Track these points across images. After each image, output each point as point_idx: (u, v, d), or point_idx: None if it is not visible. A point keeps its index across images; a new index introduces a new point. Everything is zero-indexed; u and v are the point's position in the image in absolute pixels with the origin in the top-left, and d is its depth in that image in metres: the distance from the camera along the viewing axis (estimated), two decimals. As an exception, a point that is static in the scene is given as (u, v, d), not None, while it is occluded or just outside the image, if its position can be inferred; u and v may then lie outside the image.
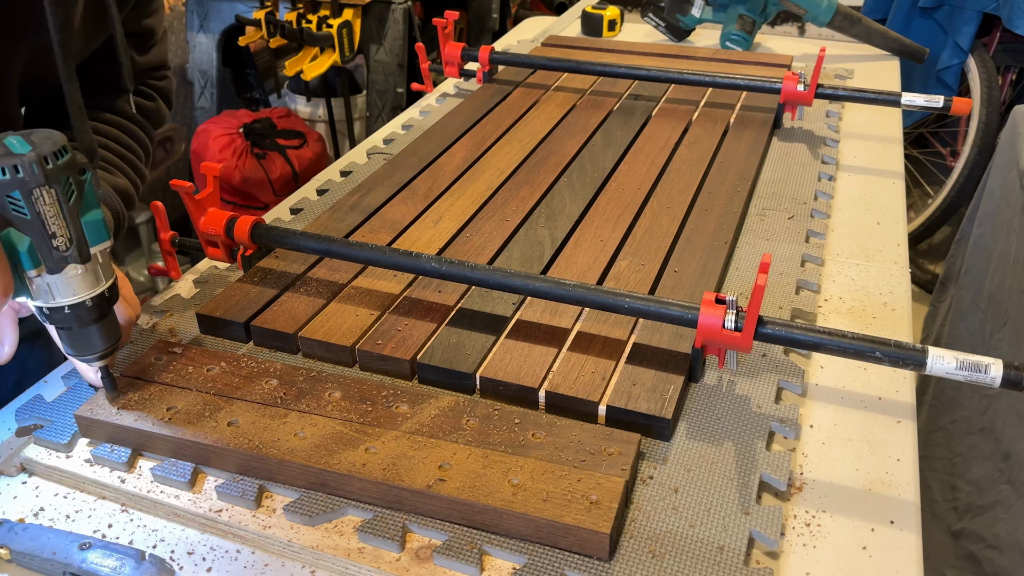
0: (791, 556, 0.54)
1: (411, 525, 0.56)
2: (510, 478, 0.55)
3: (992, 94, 2.06)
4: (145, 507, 0.59)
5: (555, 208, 0.91)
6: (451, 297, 0.76)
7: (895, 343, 0.58)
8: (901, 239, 0.90)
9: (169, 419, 0.62)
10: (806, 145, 1.08)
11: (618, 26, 1.63)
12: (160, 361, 0.68)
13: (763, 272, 0.58)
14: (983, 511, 1.13)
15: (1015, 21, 1.93)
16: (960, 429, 1.26)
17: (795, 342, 0.61)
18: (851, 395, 0.68)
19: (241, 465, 0.59)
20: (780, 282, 0.80)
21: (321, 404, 0.63)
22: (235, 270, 0.84)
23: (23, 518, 0.58)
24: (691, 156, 1.02)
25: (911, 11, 2.13)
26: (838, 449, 0.63)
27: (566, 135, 1.09)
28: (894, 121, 1.19)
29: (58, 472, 0.62)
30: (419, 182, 0.97)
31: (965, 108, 1.03)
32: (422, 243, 0.85)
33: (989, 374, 0.56)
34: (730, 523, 0.55)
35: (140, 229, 2.25)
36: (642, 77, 1.20)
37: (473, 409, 0.62)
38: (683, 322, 0.64)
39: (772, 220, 0.91)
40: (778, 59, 1.35)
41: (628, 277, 0.78)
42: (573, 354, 0.68)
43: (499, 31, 2.93)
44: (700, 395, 0.66)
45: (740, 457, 0.60)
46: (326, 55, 2.31)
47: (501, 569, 0.53)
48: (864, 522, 0.57)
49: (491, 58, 1.26)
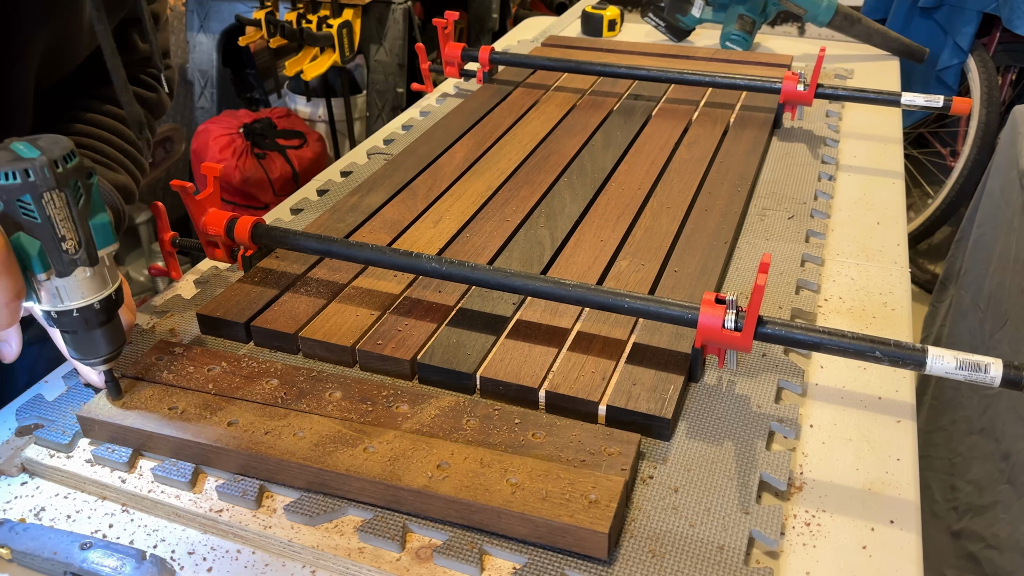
0: (791, 556, 0.55)
1: (411, 525, 0.56)
2: (508, 477, 0.55)
3: (992, 94, 2.06)
4: (146, 507, 0.60)
5: (555, 208, 0.91)
6: (451, 297, 0.76)
7: (895, 343, 0.58)
8: (901, 239, 0.90)
9: (170, 419, 0.62)
10: (806, 145, 1.08)
11: (618, 26, 1.63)
12: (161, 361, 0.68)
13: (763, 272, 0.58)
14: (983, 511, 1.13)
15: (1015, 21, 1.93)
16: (960, 429, 1.26)
17: (795, 342, 0.61)
18: (851, 395, 0.68)
19: (242, 465, 0.59)
20: (780, 282, 0.80)
21: (321, 404, 0.63)
22: (235, 270, 0.84)
23: (24, 518, 0.58)
24: (691, 156, 1.02)
25: (911, 11, 2.14)
26: (838, 449, 0.63)
27: (566, 135, 1.09)
28: (894, 121, 1.20)
29: (59, 472, 0.62)
30: (419, 182, 0.97)
31: (965, 108, 1.03)
32: (422, 243, 0.85)
33: (989, 374, 0.56)
34: (730, 523, 0.55)
35: (140, 229, 2.25)
36: (642, 77, 1.20)
37: (473, 409, 0.62)
38: (683, 322, 0.64)
39: (772, 220, 0.91)
40: (778, 59, 1.36)
41: (628, 277, 0.78)
42: (573, 354, 0.68)
43: (499, 31, 2.94)
44: (700, 395, 0.66)
45: (740, 457, 0.60)
46: (326, 55, 2.31)
47: (501, 569, 0.53)
48: (864, 522, 0.57)
49: (491, 58, 1.26)
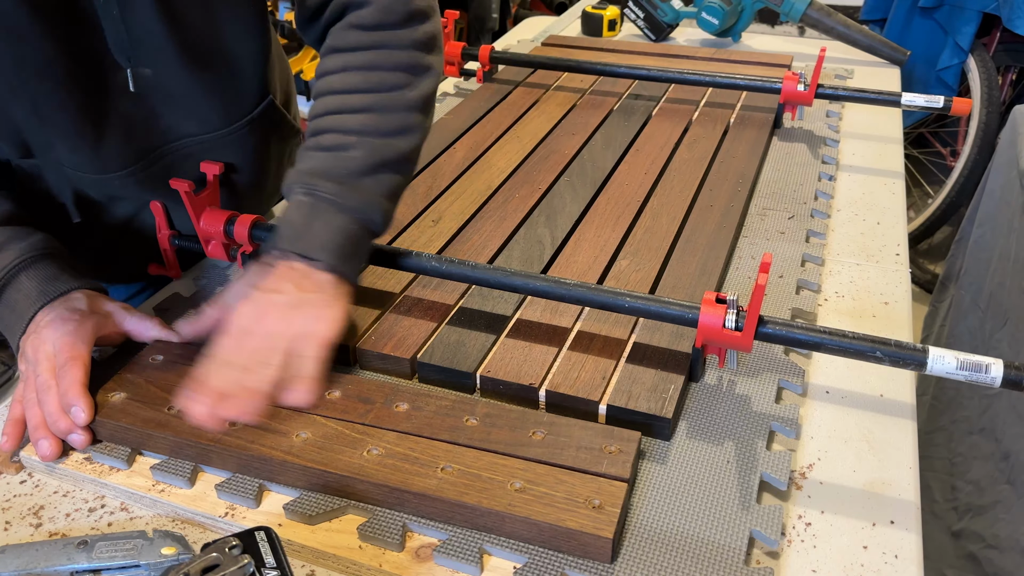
0: (791, 556, 0.54)
1: (411, 524, 0.56)
2: (512, 481, 0.55)
3: (992, 94, 2.06)
4: (145, 506, 0.59)
5: (555, 207, 0.91)
6: (451, 296, 0.75)
7: (896, 343, 0.58)
8: (901, 239, 0.90)
9: (168, 418, 0.61)
10: (806, 145, 1.08)
11: (618, 26, 1.62)
12: (159, 360, 0.67)
13: (764, 272, 0.58)
14: (983, 511, 1.12)
15: (1015, 21, 1.93)
16: (960, 429, 1.26)
17: (795, 342, 0.61)
18: (851, 395, 0.68)
19: (241, 464, 0.59)
20: (780, 282, 0.80)
21: (321, 403, 0.62)
22: (235, 269, 0.84)
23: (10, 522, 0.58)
24: (691, 156, 1.02)
25: (911, 11, 2.13)
26: (838, 449, 0.63)
27: (566, 135, 1.09)
28: (894, 121, 1.19)
29: (57, 471, 0.62)
30: (419, 181, 0.97)
31: (965, 108, 1.03)
32: (422, 242, 0.85)
33: (989, 374, 0.56)
34: (730, 523, 0.55)
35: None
36: (642, 77, 1.19)
37: (473, 408, 0.62)
38: (683, 322, 0.64)
39: (772, 220, 0.91)
40: (778, 59, 1.35)
41: (628, 276, 0.78)
42: (573, 353, 0.68)
43: (499, 31, 2.94)
44: (700, 395, 0.66)
45: (740, 457, 0.60)
46: (326, 54, 2.30)
47: (501, 568, 0.53)
48: (864, 522, 0.57)
49: (491, 57, 1.26)
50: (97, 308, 0.68)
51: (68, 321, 0.65)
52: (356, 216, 0.65)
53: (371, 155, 0.67)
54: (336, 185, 0.65)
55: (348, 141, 0.67)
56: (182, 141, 0.77)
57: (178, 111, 0.75)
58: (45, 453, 0.61)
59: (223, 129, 0.79)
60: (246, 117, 0.80)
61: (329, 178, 0.65)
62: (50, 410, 0.62)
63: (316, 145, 0.68)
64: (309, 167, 0.66)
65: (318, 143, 0.68)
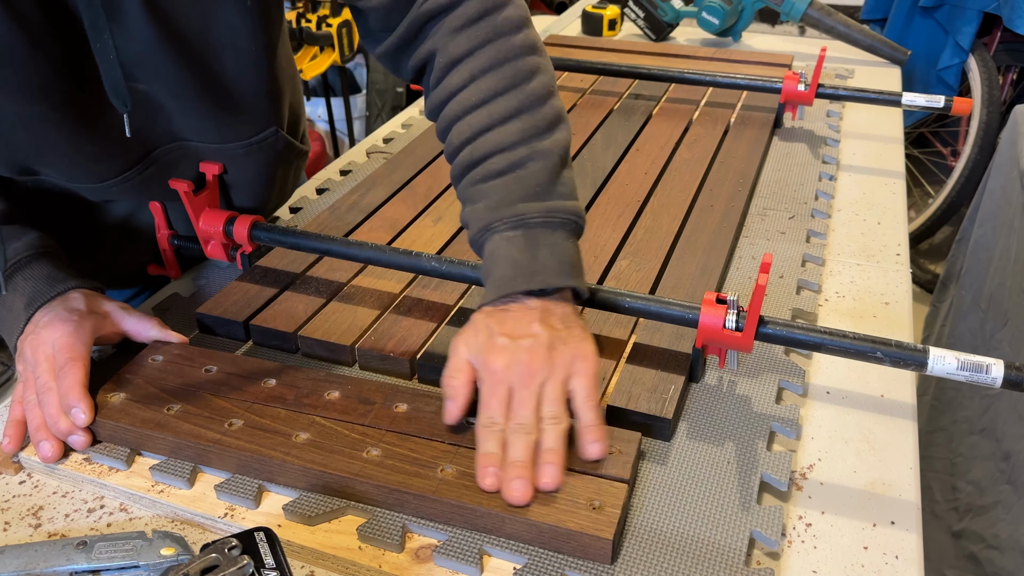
0: (792, 556, 0.54)
1: (411, 525, 0.56)
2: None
3: (993, 94, 2.06)
4: (144, 506, 0.59)
5: (555, 207, 0.90)
6: (451, 296, 0.75)
7: (896, 343, 0.58)
8: (902, 239, 0.90)
9: (167, 419, 0.61)
10: (807, 145, 1.08)
11: (618, 25, 1.62)
12: (158, 361, 0.67)
13: (764, 272, 0.57)
14: (984, 511, 1.12)
15: (1015, 21, 1.93)
16: (961, 429, 1.26)
17: (796, 342, 0.61)
18: (852, 395, 0.68)
19: (240, 465, 0.59)
20: (781, 282, 0.80)
21: (321, 404, 0.62)
22: (234, 269, 0.84)
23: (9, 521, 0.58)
24: (691, 156, 1.02)
25: (911, 11, 2.13)
26: (838, 449, 0.63)
27: (566, 134, 1.09)
28: (895, 121, 1.19)
29: (56, 471, 0.62)
30: (419, 181, 0.97)
31: (966, 108, 1.03)
32: (422, 242, 0.85)
33: (990, 374, 0.56)
34: (731, 523, 0.55)
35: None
36: (642, 76, 1.19)
37: (473, 408, 0.62)
38: (684, 322, 0.64)
39: (773, 220, 0.90)
40: (779, 59, 1.35)
41: (628, 276, 0.78)
42: (573, 354, 0.68)
43: (499, 30, 2.92)
44: (700, 395, 0.66)
45: (741, 457, 0.60)
46: (325, 54, 2.30)
47: (501, 569, 0.53)
48: (865, 522, 0.57)
49: (491, 57, 1.26)
50: (95, 308, 0.68)
51: (67, 321, 0.64)
52: (568, 228, 0.63)
53: (547, 160, 0.63)
54: (539, 204, 0.61)
55: (519, 156, 0.62)
56: (181, 143, 0.76)
57: (176, 126, 0.73)
58: (47, 455, 0.61)
59: (225, 144, 0.77)
60: (247, 140, 0.77)
61: (527, 200, 0.61)
62: (51, 411, 0.62)
63: (486, 174, 0.63)
64: (496, 200, 0.62)
65: (487, 171, 0.63)
